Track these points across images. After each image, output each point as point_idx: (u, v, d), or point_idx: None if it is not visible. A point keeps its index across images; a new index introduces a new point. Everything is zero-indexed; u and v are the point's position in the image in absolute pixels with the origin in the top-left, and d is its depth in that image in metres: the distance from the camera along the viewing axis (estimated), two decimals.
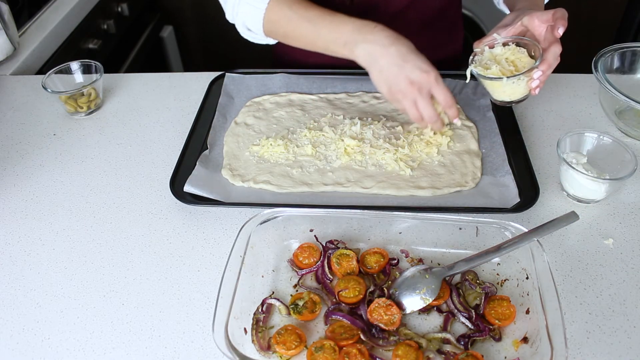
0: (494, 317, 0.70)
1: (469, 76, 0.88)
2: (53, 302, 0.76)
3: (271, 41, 1.03)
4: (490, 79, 0.85)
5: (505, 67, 0.85)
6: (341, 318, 0.70)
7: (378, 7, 1.11)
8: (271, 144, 0.98)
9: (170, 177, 0.91)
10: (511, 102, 0.90)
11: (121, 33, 1.88)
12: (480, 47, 0.89)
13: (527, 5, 0.94)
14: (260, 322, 0.71)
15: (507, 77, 0.83)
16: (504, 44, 0.88)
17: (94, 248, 0.84)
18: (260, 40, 1.04)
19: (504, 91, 0.88)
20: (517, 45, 0.87)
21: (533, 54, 0.86)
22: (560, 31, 0.82)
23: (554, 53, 0.83)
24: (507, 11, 1.07)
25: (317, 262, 0.78)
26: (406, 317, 0.72)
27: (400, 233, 0.81)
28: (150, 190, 0.93)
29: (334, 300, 0.73)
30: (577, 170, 0.83)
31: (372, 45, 0.87)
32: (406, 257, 0.80)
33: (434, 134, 0.99)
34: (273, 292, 0.76)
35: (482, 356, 0.65)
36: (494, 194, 0.88)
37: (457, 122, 0.91)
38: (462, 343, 0.67)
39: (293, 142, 1.00)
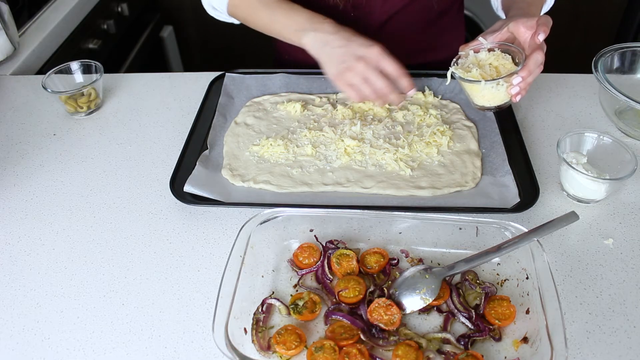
0: (494, 317, 0.70)
1: (449, 78, 0.88)
2: (53, 302, 0.76)
3: (235, 21, 1.12)
4: (469, 81, 0.84)
5: (486, 72, 0.84)
6: (341, 318, 0.70)
7: (374, 9, 1.11)
8: (271, 144, 0.98)
9: (170, 177, 0.92)
10: (491, 108, 0.89)
11: (121, 33, 1.88)
12: (465, 51, 0.88)
13: (520, 13, 0.92)
14: (260, 322, 0.71)
15: (486, 81, 0.82)
16: (490, 50, 0.86)
17: (94, 248, 0.84)
18: (225, 19, 1.14)
19: (482, 96, 0.87)
20: (503, 51, 0.86)
21: (518, 60, 0.84)
22: (541, 37, 0.81)
23: (535, 60, 0.81)
24: (504, 17, 1.06)
25: (317, 262, 0.78)
26: (406, 317, 0.72)
27: (400, 233, 0.81)
28: (150, 190, 0.93)
29: (334, 300, 0.73)
30: (577, 170, 0.83)
31: (319, 33, 0.94)
32: (406, 257, 0.80)
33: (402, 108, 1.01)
34: (273, 292, 0.76)
35: (482, 356, 0.65)
36: (494, 194, 0.88)
37: (412, 92, 0.92)
38: (462, 343, 0.67)
39: (293, 142, 1.00)
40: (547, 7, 1.06)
